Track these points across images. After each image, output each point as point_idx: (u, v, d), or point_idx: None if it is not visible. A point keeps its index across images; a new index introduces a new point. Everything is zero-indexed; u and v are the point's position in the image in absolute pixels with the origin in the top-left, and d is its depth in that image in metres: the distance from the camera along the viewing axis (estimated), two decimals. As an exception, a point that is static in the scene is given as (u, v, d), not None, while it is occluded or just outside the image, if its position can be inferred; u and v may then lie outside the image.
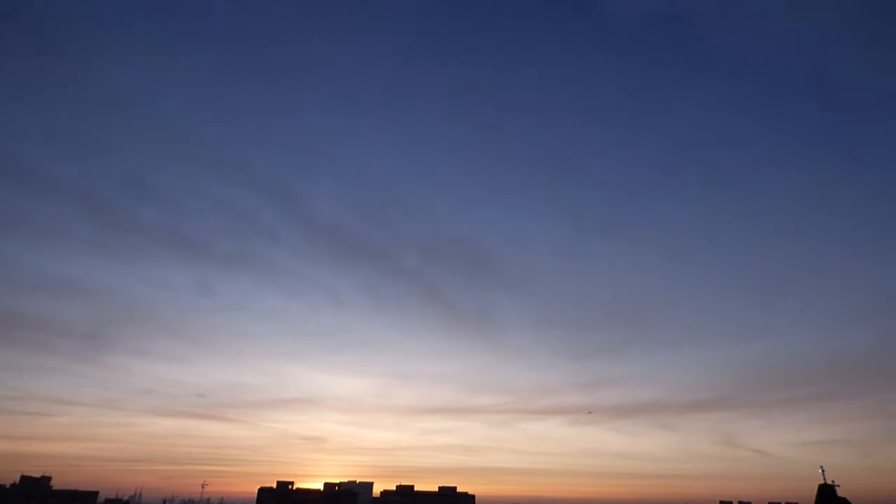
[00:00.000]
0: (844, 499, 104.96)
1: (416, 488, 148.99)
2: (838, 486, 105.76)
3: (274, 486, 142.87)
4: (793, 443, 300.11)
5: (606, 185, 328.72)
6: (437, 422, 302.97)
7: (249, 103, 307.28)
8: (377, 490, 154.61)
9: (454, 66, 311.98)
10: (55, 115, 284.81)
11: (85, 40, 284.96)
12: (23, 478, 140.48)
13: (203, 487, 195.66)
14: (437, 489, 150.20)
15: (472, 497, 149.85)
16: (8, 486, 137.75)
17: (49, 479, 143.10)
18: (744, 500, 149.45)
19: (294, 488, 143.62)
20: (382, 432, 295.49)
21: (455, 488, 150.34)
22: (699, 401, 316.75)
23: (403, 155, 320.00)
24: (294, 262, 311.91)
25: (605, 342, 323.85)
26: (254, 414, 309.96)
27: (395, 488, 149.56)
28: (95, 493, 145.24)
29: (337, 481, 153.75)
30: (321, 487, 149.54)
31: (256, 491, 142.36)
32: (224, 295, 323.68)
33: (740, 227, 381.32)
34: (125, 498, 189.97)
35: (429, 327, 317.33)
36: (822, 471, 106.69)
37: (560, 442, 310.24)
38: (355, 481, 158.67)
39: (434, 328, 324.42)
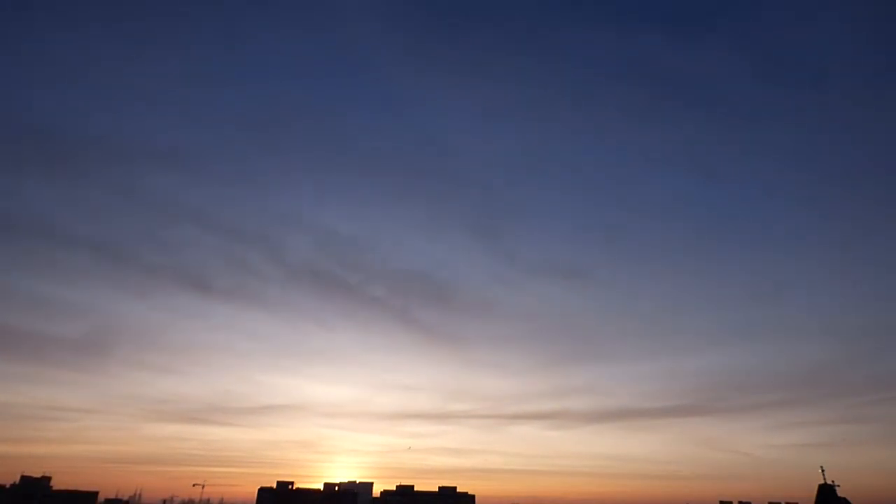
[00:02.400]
0: (844, 499, 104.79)
1: (415, 488, 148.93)
2: (838, 486, 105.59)
3: (274, 486, 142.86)
4: (766, 445, 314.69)
5: (530, 233, 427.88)
6: (422, 426, 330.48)
7: (238, 177, 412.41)
8: (377, 490, 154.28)
9: (408, 142, 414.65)
10: (86, 195, 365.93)
11: (123, 149, 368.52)
12: (23, 478, 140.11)
13: (202, 488, 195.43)
14: (436, 489, 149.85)
15: (472, 497, 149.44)
16: (8, 486, 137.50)
17: (49, 479, 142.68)
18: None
19: (294, 488, 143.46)
20: (374, 436, 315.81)
21: (455, 488, 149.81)
22: (668, 407, 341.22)
23: (364, 214, 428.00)
24: (282, 293, 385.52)
25: (558, 356, 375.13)
26: (249, 419, 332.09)
27: (395, 488, 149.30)
28: (95, 494, 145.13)
29: (337, 481, 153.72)
30: (321, 487, 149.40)
31: (256, 491, 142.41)
32: (221, 320, 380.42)
33: (713, 243, 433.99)
34: (125, 498, 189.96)
35: (402, 344, 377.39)
36: (822, 471, 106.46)
37: (544, 444, 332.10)
38: (355, 481, 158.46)
39: (407, 345, 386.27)
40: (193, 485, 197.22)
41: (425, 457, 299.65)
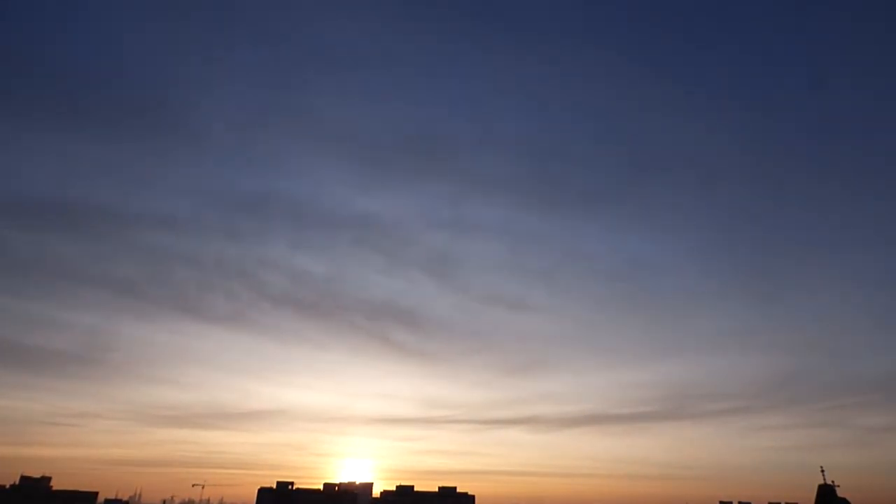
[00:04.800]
0: (844, 499, 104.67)
1: (415, 488, 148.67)
2: (838, 486, 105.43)
3: (273, 486, 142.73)
4: (743, 448, 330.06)
5: (473, 274, 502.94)
6: (409, 430, 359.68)
7: (223, 235, 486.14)
8: (377, 490, 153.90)
9: (361, 216, 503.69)
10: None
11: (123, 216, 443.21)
12: (23, 478, 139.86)
13: (202, 488, 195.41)
14: (436, 489, 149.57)
15: (472, 497, 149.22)
16: (8, 486, 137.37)
17: (49, 479, 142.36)
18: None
19: (294, 488, 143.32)
20: (367, 438, 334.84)
21: (455, 488, 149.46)
22: (645, 413, 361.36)
23: (331, 260, 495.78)
24: (270, 318, 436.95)
25: (516, 369, 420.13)
26: (244, 423, 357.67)
27: (394, 488, 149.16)
28: (95, 494, 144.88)
29: (337, 482, 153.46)
30: (321, 488, 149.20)
31: (256, 492, 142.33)
32: (215, 339, 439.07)
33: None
34: (125, 499, 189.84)
35: (384, 359, 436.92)
36: (823, 471, 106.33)
37: (529, 447, 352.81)
38: (355, 482, 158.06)
39: (389, 360, 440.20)
40: (193, 485, 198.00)
41: (421, 459, 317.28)
